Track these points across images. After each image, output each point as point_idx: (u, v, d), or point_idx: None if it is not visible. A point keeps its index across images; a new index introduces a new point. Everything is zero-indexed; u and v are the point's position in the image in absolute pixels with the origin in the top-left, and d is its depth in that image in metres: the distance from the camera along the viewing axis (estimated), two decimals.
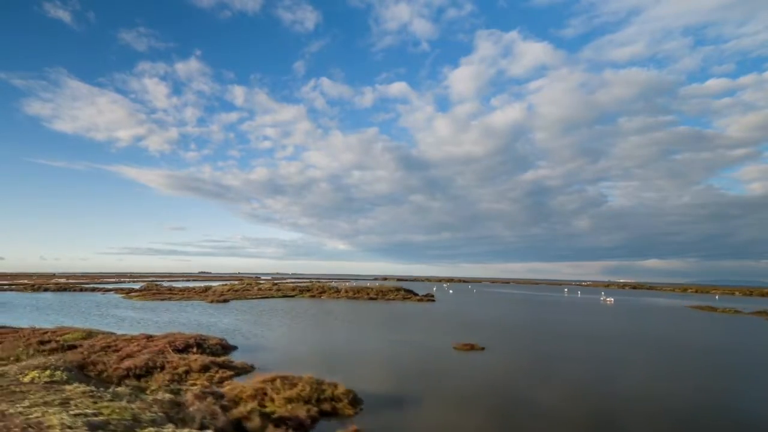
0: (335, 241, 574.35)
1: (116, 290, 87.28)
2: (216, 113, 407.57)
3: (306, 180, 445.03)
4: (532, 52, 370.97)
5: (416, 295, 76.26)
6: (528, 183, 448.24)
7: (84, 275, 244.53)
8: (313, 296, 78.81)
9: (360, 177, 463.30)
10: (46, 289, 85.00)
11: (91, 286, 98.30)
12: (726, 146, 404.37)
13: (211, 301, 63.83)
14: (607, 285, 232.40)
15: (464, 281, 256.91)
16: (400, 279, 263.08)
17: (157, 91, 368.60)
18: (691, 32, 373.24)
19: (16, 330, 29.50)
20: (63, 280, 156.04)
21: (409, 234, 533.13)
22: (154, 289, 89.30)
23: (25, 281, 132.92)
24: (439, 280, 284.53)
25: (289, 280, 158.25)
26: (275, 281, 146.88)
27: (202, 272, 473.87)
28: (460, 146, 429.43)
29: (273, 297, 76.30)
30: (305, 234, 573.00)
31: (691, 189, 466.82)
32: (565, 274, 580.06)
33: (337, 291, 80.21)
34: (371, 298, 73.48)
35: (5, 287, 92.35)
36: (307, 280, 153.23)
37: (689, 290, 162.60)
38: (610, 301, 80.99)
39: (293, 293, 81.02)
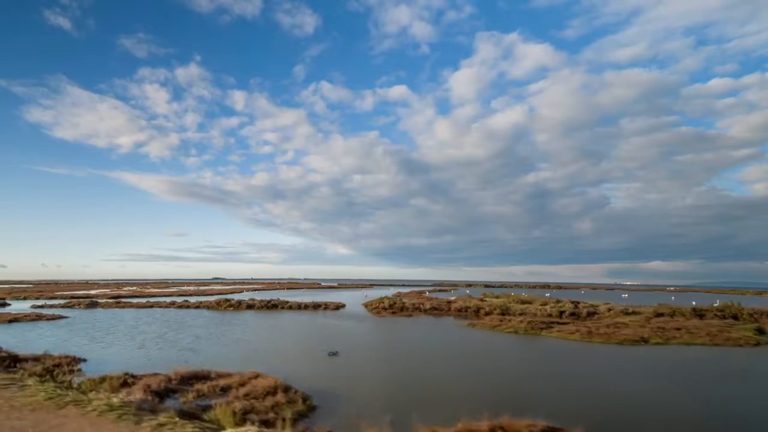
0: (336, 245, 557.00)
1: (312, 306, 59.26)
2: (216, 118, 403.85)
3: (307, 184, 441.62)
4: (533, 53, 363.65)
5: None
6: (529, 185, 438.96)
7: (145, 282, 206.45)
8: (664, 328, 50.04)
9: (361, 181, 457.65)
10: (249, 307, 57.60)
11: (268, 298, 68.21)
12: (729, 147, 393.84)
13: (633, 342, 29.75)
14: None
15: (561, 287, 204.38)
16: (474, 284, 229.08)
17: (157, 97, 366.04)
18: (693, 32, 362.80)
19: None
20: (151, 289, 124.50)
21: (410, 238, 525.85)
22: (387, 303, 57.26)
23: (125, 290, 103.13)
24: (523, 285, 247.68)
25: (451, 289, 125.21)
26: (368, 285, 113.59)
27: (216, 278, 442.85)
28: (461, 149, 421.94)
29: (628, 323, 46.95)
30: (306, 238, 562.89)
31: (694, 190, 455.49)
32: (566, 277, 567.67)
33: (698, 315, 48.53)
34: None
35: (195, 304, 61.94)
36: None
37: None
38: None
39: (650, 322, 53.94)
